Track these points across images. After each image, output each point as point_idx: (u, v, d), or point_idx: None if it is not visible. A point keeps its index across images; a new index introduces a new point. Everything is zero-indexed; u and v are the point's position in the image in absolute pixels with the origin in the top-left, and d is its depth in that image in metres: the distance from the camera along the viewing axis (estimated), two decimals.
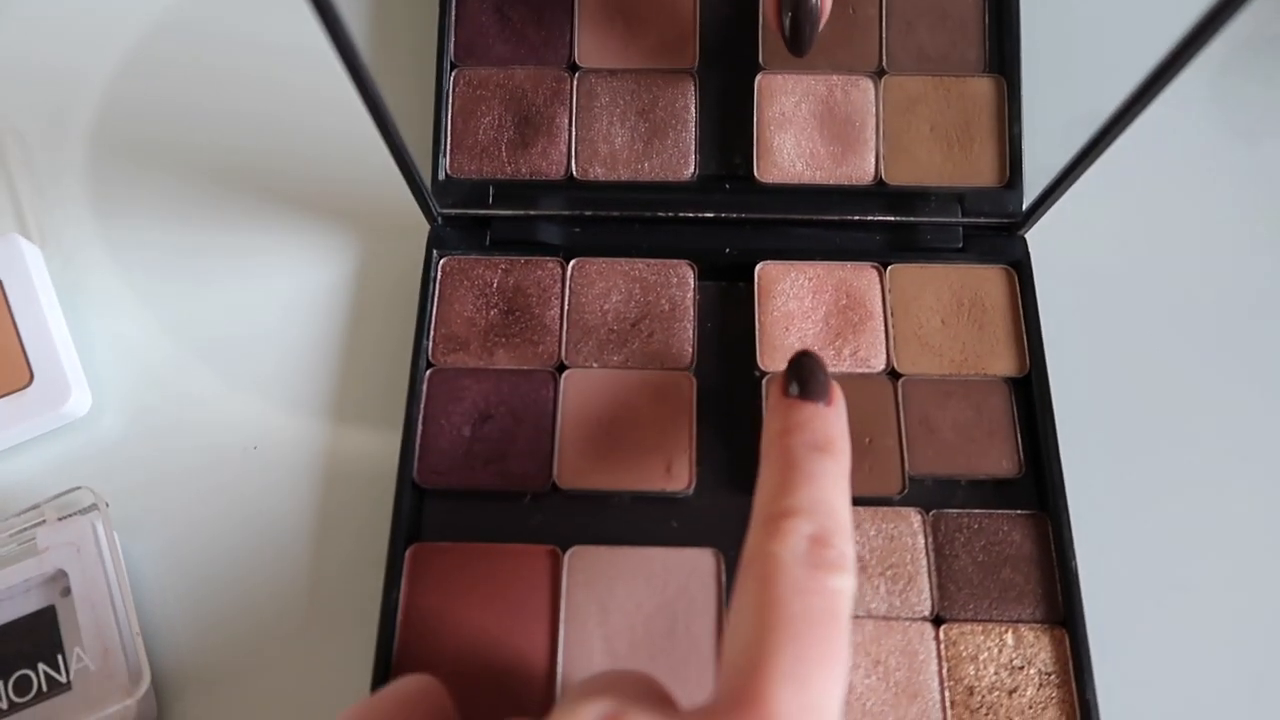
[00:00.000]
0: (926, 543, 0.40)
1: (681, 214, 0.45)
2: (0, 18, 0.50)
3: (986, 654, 0.38)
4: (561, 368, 0.43)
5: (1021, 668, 0.38)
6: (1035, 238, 0.44)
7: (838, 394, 0.33)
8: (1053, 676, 0.38)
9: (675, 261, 0.45)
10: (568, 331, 0.43)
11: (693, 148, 0.45)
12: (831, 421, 0.32)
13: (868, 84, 0.46)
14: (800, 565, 0.27)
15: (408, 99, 0.47)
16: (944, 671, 0.38)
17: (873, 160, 0.45)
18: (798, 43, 0.37)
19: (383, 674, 0.37)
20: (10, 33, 0.50)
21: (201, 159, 0.48)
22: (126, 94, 0.49)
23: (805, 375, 0.32)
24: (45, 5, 0.50)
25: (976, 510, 0.40)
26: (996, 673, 0.38)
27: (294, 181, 0.48)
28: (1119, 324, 0.44)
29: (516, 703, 0.38)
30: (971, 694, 0.37)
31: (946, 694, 0.37)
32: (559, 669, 0.38)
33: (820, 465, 0.30)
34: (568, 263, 0.45)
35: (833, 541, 0.28)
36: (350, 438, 0.43)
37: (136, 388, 0.44)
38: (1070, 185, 0.40)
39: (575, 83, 0.46)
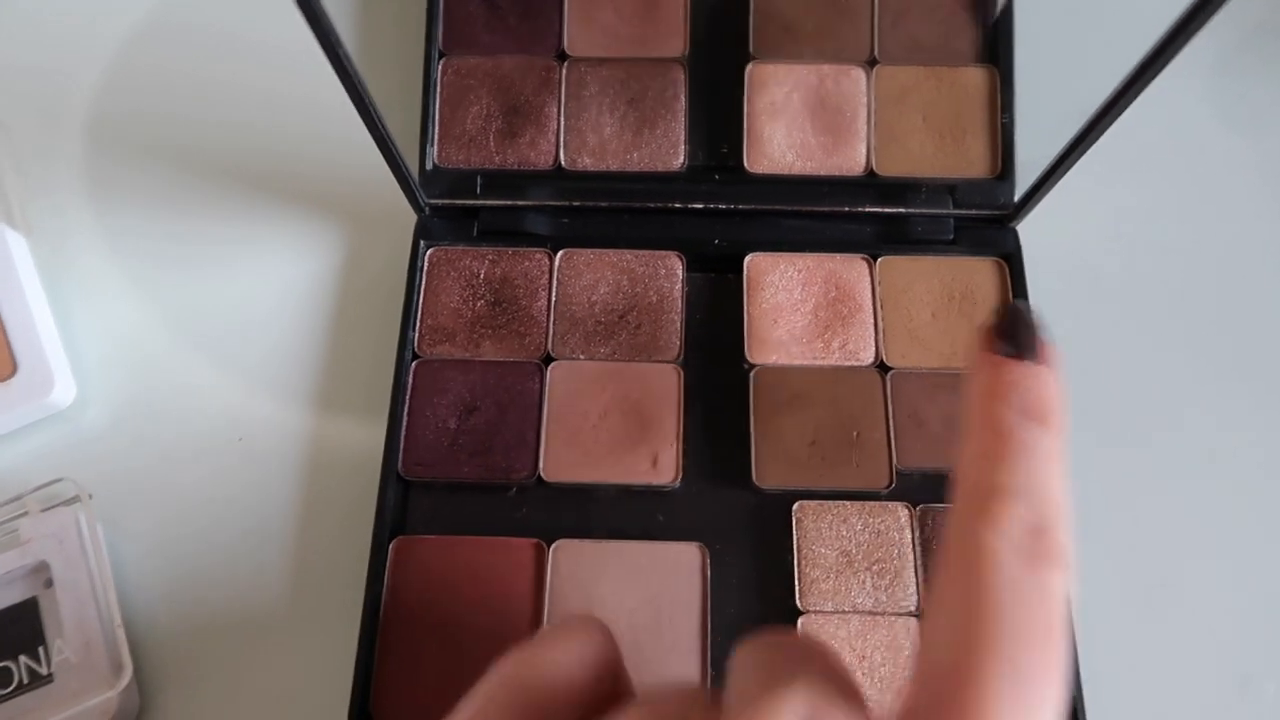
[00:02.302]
0: (914, 537, 0.39)
1: (670, 204, 0.44)
2: None
3: None
4: (548, 359, 0.42)
5: None
6: (1026, 230, 0.44)
7: (1053, 352, 0.27)
8: None
9: (663, 253, 0.44)
10: (555, 323, 0.43)
11: (682, 138, 0.45)
12: (1047, 384, 0.26)
13: (859, 74, 0.45)
14: (1018, 559, 0.23)
15: (395, 88, 0.46)
16: None
17: (864, 151, 0.45)
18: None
19: (365, 667, 0.37)
20: None
21: (188, 150, 0.48)
22: (113, 85, 0.49)
23: (1017, 328, 0.27)
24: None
25: None
26: None
27: (281, 171, 0.47)
28: (1109, 317, 0.44)
29: None
30: None
31: None
32: None
33: (1036, 437, 0.25)
34: (555, 254, 0.44)
35: (1053, 532, 0.24)
36: (335, 430, 0.43)
37: (122, 378, 0.44)
38: (1061, 176, 0.40)
39: (564, 72, 0.46)
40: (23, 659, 0.38)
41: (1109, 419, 0.42)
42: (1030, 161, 0.43)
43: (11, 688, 0.37)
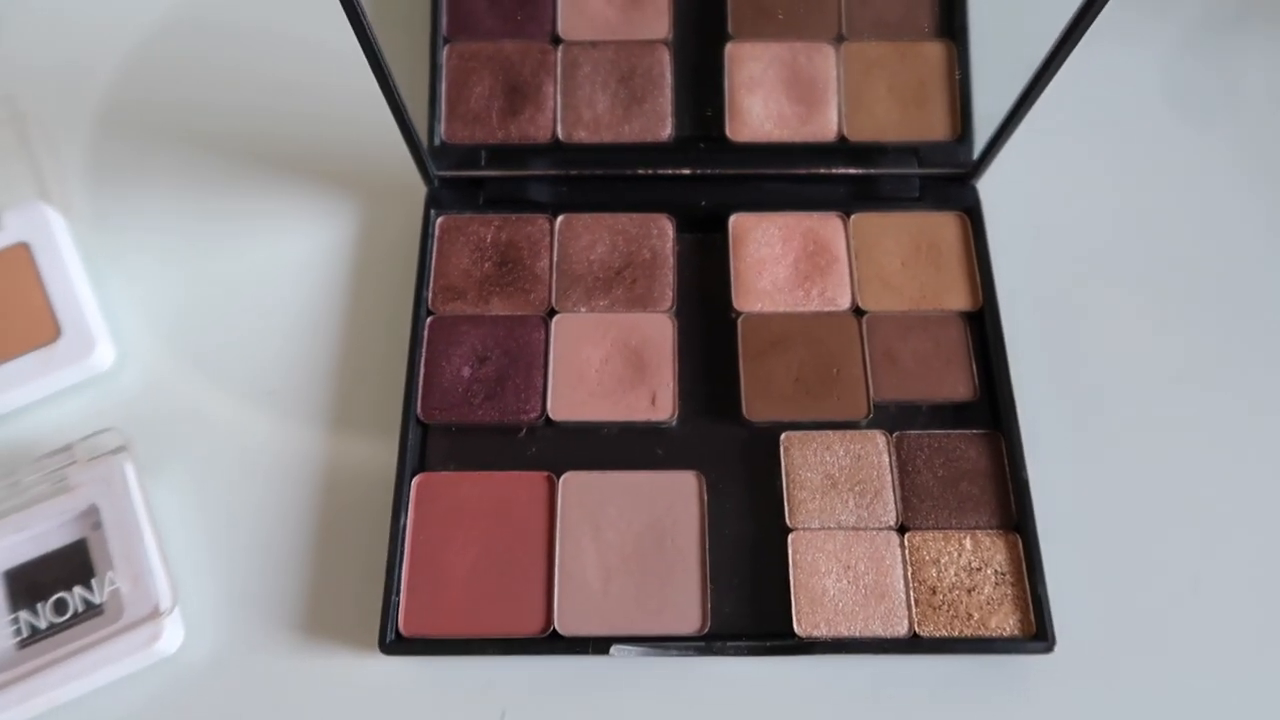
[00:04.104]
0: (891, 461, 0.43)
1: (660, 171, 0.48)
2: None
3: (947, 557, 0.41)
4: (552, 313, 0.46)
5: (979, 569, 0.41)
6: (986, 186, 0.48)
7: None
8: (1007, 575, 0.41)
9: (655, 215, 0.48)
10: (557, 280, 0.47)
11: (669, 111, 0.49)
12: None
13: (829, 49, 0.50)
14: None
15: (404, 72, 0.50)
16: (909, 574, 0.41)
17: (835, 119, 0.49)
18: None
19: (393, 591, 0.41)
20: (30, 14, 0.53)
21: (211, 133, 0.51)
22: (140, 75, 0.53)
23: None
24: None
25: (936, 431, 0.44)
26: (956, 574, 0.41)
27: (303, 153, 0.51)
28: (1062, 262, 0.48)
29: (518, 615, 0.41)
30: (934, 593, 0.41)
31: (911, 593, 0.41)
32: (556, 582, 0.41)
33: None
34: (556, 218, 0.48)
35: None
36: (356, 382, 0.46)
37: (157, 343, 0.47)
38: (1012, 132, 0.44)
39: (559, 54, 0.50)
40: (77, 590, 0.41)
41: (1063, 350, 0.46)
42: (987, 124, 0.47)
43: (68, 616, 0.40)
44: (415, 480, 0.43)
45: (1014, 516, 0.42)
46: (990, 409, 0.44)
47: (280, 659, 0.42)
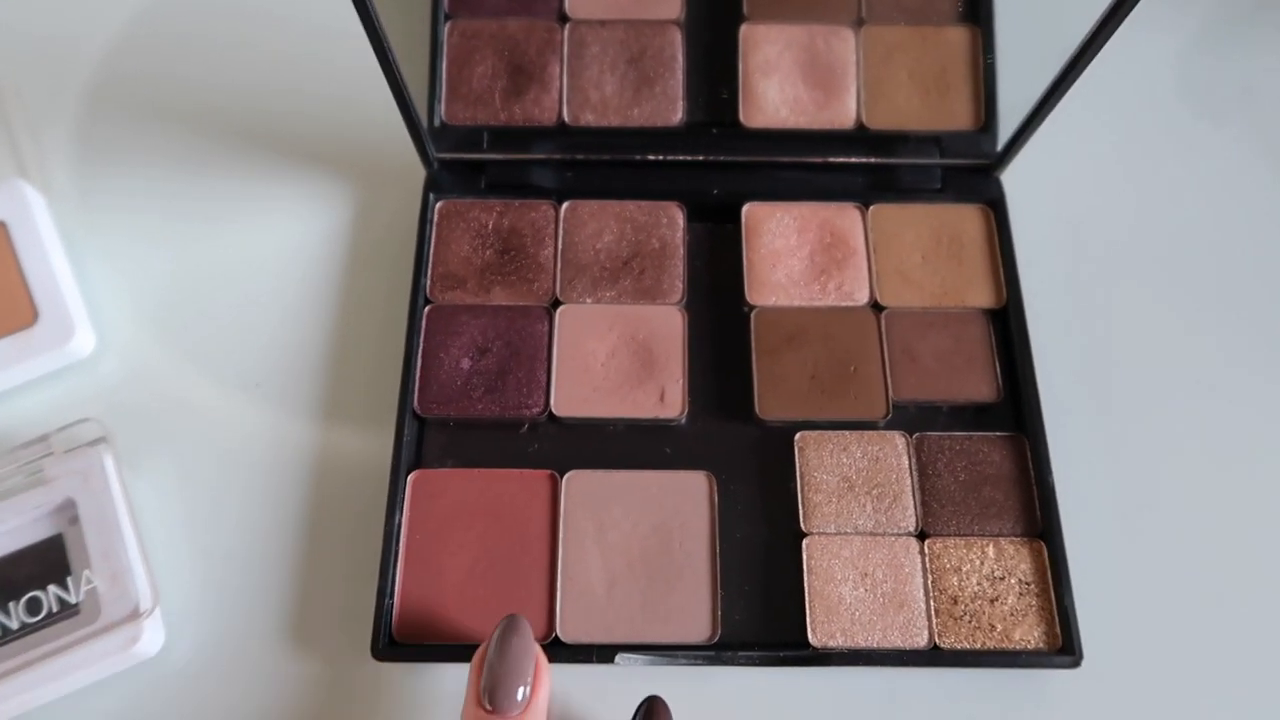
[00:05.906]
0: (910, 463, 0.41)
1: (670, 157, 0.46)
2: None
3: (969, 566, 0.40)
4: (556, 303, 0.44)
5: (1002, 578, 0.39)
6: (1010, 179, 0.46)
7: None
8: (1032, 585, 0.39)
9: (665, 203, 0.46)
10: (561, 270, 0.45)
11: (681, 94, 0.47)
12: None
13: (848, 33, 0.48)
14: None
15: (404, 50, 0.48)
16: (929, 582, 0.39)
17: (854, 105, 0.47)
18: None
19: (386, 593, 0.39)
20: None
21: (200, 112, 0.49)
22: (126, 50, 0.50)
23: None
24: None
25: (958, 433, 0.42)
26: (979, 583, 0.39)
27: (297, 133, 0.49)
28: (1088, 257, 0.46)
29: None
30: (955, 603, 0.39)
31: (932, 603, 0.39)
32: (559, 587, 0.39)
33: None
34: (561, 204, 0.46)
35: None
36: (350, 374, 0.44)
37: (140, 330, 0.45)
38: (1038, 125, 0.42)
39: (566, 33, 0.48)
40: (52, 589, 0.39)
41: (1090, 350, 0.44)
42: (1012, 114, 0.45)
43: (42, 616, 0.38)
44: (411, 477, 0.41)
45: (1039, 523, 0.40)
46: (1014, 410, 0.42)
47: (267, 664, 0.39)
